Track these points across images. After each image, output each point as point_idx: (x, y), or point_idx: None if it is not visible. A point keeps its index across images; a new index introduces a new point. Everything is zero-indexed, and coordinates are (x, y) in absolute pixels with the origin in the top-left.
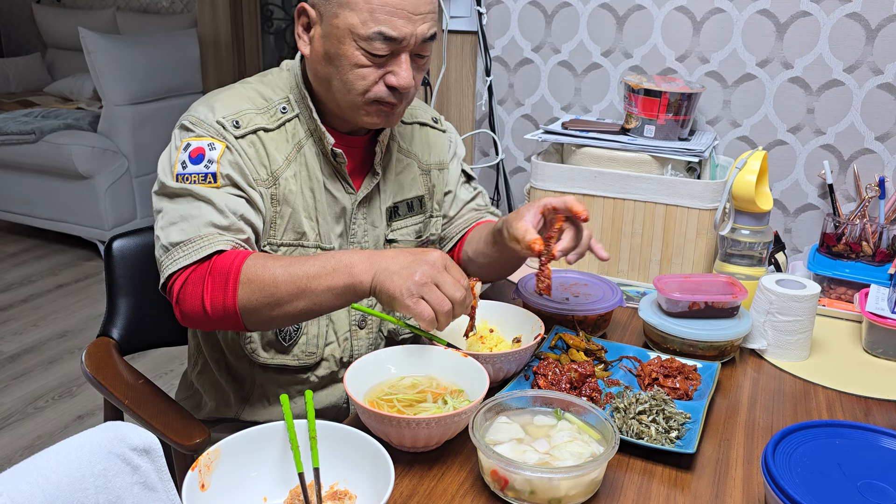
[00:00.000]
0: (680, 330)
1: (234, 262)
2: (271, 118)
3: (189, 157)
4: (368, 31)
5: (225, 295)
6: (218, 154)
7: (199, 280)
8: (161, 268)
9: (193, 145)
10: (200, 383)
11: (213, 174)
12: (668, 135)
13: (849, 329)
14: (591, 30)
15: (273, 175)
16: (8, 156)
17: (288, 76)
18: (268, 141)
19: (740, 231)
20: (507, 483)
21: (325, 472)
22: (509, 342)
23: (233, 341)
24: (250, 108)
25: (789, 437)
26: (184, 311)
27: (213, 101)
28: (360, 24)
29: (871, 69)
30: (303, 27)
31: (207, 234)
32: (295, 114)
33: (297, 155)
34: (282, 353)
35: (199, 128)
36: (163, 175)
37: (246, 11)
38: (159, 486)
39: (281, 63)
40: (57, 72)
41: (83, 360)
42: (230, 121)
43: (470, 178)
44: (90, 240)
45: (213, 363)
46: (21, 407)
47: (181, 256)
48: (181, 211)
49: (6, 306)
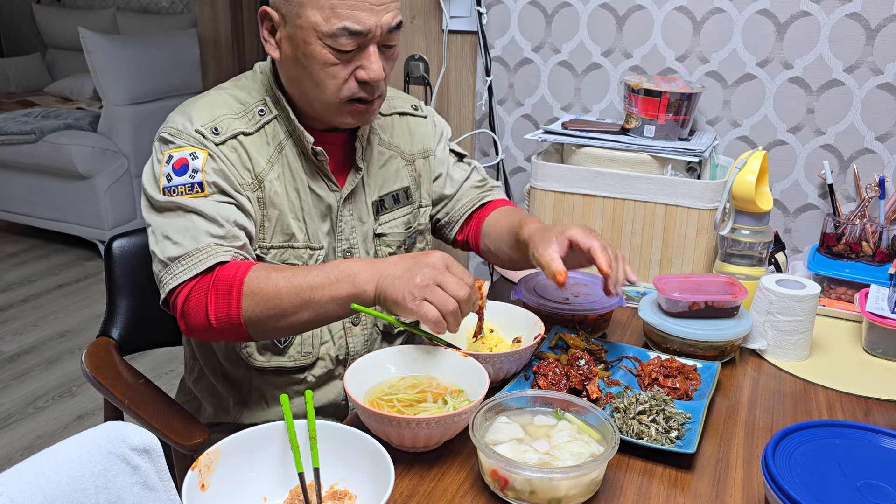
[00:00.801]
0: (680, 330)
1: (237, 274)
2: (250, 122)
3: (173, 170)
4: (332, 27)
5: (229, 307)
6: (201, 163)
7: (202, 293)
8: (161, 284)
9: (176, 157)
10: (198, 390)
11: (200, 183)
12: (668, 135)
13: (849, 329)
14: (591, 30)
15: (258, 178)
16: (8, 156)
17: (262, 78)
18: (248, 145)
19: (740, 231)
20: (507, 483)
21: (325, 472)
22: (509, 342)
23: (227, 347)
24: (227, 114)
25: (789, 437)
26: (189, 324)
27: (189, 111)
28: (323, 21)
29: (871, 69)
30: (268, 31)
31: (205, 245)
32: (273, 115)
33: (279, 157)
34: (278, 355)
35: (179, 138)
36: (149, 188)
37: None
38: (159, 486)
39: (254, 66)
40: (57, 72)
41: (83, 360)
42: (209, 128)
43: (461, 157)
44: (90, 240)
45: (208, 370)
46: (21, 407)
47: (181, 270)
48: (174, 224)
49: (6, 306)
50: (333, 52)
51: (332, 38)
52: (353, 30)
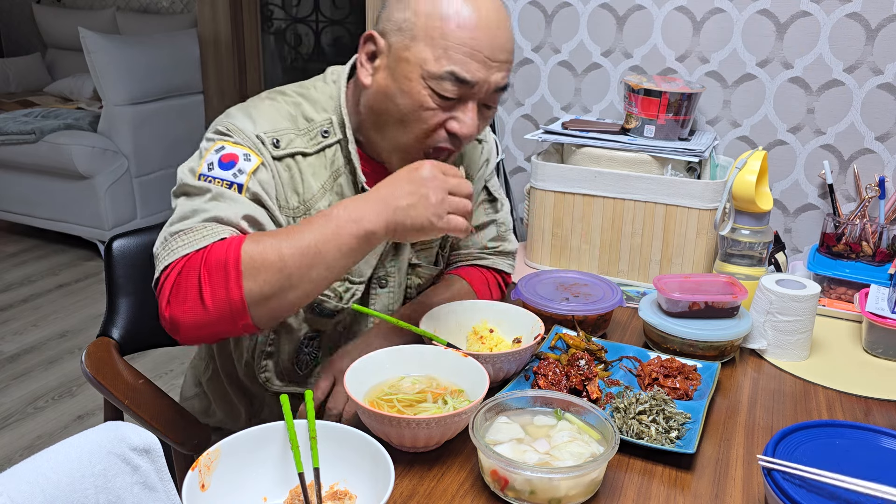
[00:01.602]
0: (680, 330)
1: (230, 250)
2: (311, 141)
3: (219, 161)
4: (441, 68)
5: (228, 288)
6: (252, 167)
7: (192, 272)
8: (157, 260)
9: (227, 150)
10: (210, 390)
11: (240, 185)
12: (668, 135)
13: (849, 329)
14: (591, 30)
15: (305, 204)
16: (8, 156)
17: (333, 91)
18: (305, 167)
19: (740, 231)
20: (507, 483)
21: (325, 472)
22: (509, 342)
23: (247, 366)
24: (290, 128)
25: (789, 437)
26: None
27: (253, 112)
28: (433, 59)
29: (871, 69)
30: (367, 56)
31: (211, 224)
32: (336, 140)
33: (333, 184)
34: (296, 382)
35: (237, 136)
36: (185, 178)
37: (246, 11)
38: (159, 486)
39: (326, 71)
40: (57, 72)
41: (83, 360)
42: (271, 138)
43: (492, 199)
44: (90, 240)
45: (224, 375)
46: (21, 407)
47: (181, 245)
48: (192, 204)
49: (6, 306)
50: (432, 96)
51: (436, 80)
52: (461, 77)
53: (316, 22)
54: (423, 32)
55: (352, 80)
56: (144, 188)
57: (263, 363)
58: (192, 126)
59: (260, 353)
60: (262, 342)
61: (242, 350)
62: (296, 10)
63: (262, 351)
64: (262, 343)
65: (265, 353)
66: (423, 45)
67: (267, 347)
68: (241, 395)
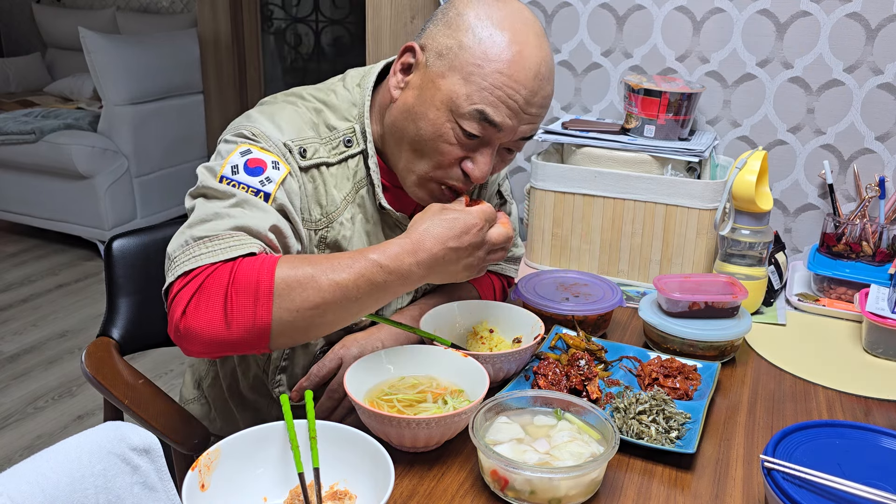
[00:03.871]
0: (680, 330)
1: (263, 273)
2: (333, 150)
3: (245, 165)
4: (470, 106)
5: (255, 311)
6: (280, 176)
7: (218, 288)
8: (172, 264)
9: (255, 155)
10: (211, 397)
11: (267, 194)
12: (668, 135)
13: (849, 329)
14: (591, 30)
15: (328, 217)
16: (8, 156)
17: (356, 97)
18: (328, 177)
19: (740, 231)
20: (507, 483)
21: (325, 472)
22: (509, 342)
23: (255, 380)
24: (314, 137)
25: (789, 437)
26: (191, 328)
27: (276, 117)
28: (463, 94)
29: (871, 69)
30: (403, 67)
31: (239, 234)
32: (360, 150)
33: (356, 196)
34: None
35: (264, 141)
36: (206, 181)
37: (246, 11)
38: (159, 486)
39: (346, 74)
40: (57, 72)
41: (83, 360)
42: (297, 147)
43: (503, 201)
44: (90, 240)
45: (225, 387)
46: (21, 407)
47: (204, 252)
48: (216, 209)
49: (6, 306)
50: (455, 130)
51: (463, 116)
52: (490, 118)
53: (316, 22)
54: (462, 67)
55: (378, 85)
56: (144, 188)
57: (278, 377)
58: (192, 126)
59: (275, 369)
60: (277, 357)
61: (250, 364)
62: (296, 9)
63: (276, 367)
64: (276, 359)
65: (279, 368)
66: (459, 79)
67: (282, 363)
68: (242, 407)
